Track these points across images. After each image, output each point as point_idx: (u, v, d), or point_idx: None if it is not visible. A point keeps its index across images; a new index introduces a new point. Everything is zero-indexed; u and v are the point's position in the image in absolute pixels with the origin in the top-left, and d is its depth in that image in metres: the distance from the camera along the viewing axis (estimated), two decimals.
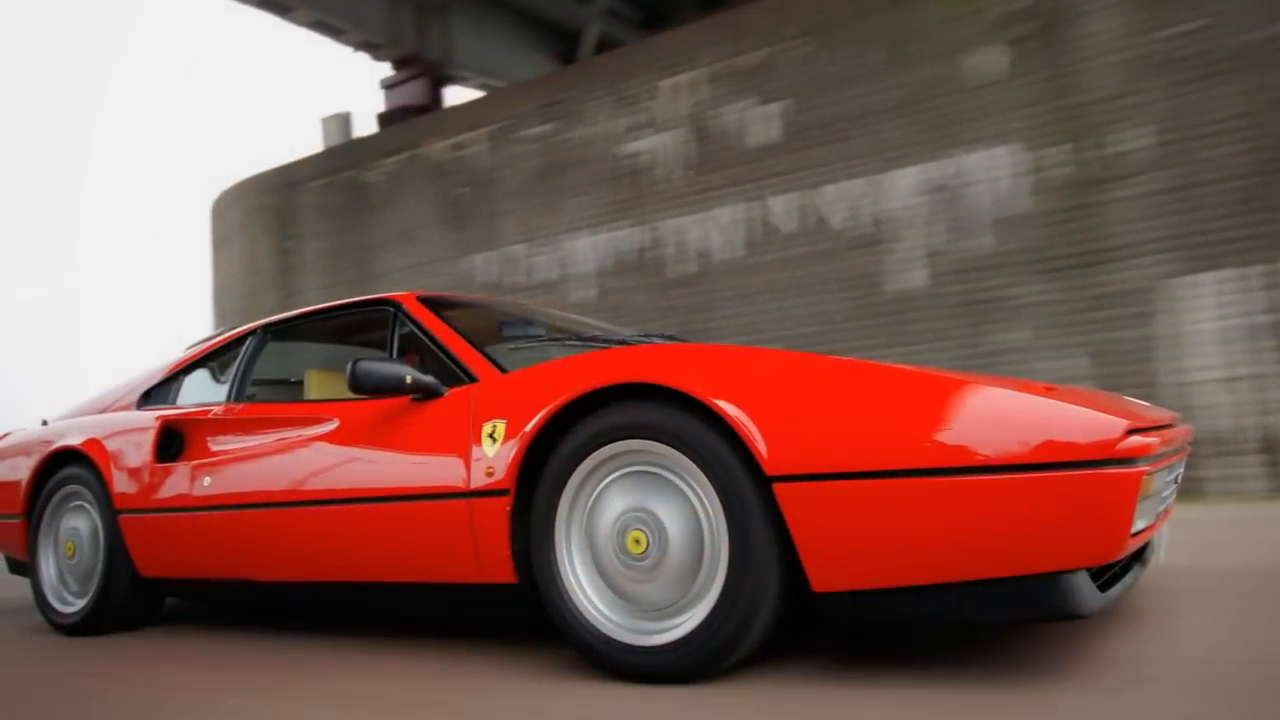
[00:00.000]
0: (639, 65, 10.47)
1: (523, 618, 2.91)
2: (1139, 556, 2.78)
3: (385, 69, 15.37)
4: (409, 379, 3.06)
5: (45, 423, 4.97)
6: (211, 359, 4.40)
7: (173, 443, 3.99)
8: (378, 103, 15.03)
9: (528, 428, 2.72)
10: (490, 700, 2.56)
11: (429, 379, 3.09)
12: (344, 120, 14.68)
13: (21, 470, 4.56)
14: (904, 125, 8.77)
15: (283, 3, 14.36)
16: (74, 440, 4.30)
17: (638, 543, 2.56)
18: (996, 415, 2.16)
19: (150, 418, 4.12)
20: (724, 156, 9.71)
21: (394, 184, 12.25)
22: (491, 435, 2.81)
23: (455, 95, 15.79)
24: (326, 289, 12.62)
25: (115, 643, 3.95)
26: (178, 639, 3.96)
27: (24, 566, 4.60)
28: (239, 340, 4.26)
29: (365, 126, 14.59)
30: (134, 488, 3.99)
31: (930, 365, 3.06)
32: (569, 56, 17.29)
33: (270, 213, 13.60)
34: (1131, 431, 2.11)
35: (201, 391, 4.29)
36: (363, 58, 15.61)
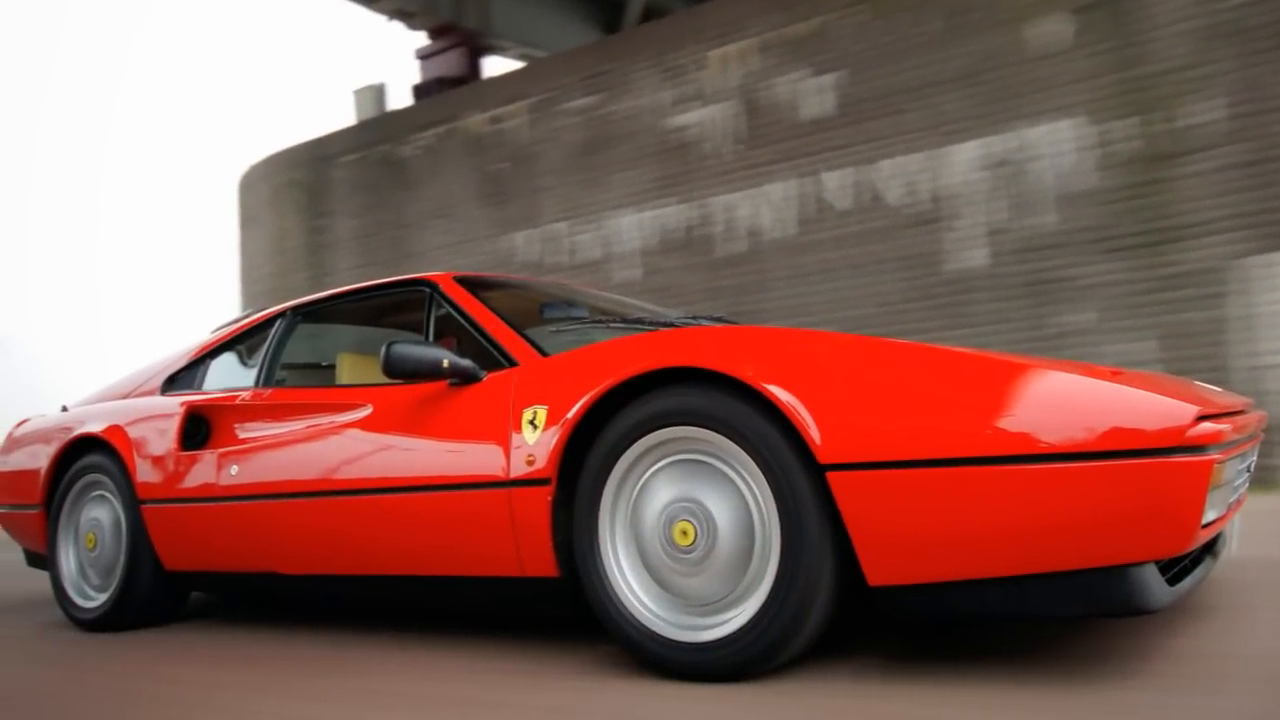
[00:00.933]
0: (687, 35, 10.48)
1: (564, 613, 2.96)
2: (1209, 549, 2.79)
3: (420, 38, 15.41)
4: (446, 363, 3.11)
5: (65, 408, 5.04)
6: (239, 342, 4.45)
7: (198, 430, 4.05)
8: (413, 74, 15.10)
9: (570, 414, 2.76)
10: (531, 699, 2.59)
11: (466, 363, 3.13)
12: (377, 92, 14.73)
13: (40, 458, 4.63)
14: (963, 97, 8.76)
15: None
16: (95, 427, 4.36)
17: (685, 534, 2.59)
18: (1060, 401, 2.19)
19: (175, 403, 4.18)
20: (775, 130, 9.72)
21: (430, 159, 12.32)
22: (532, 422, 2.85)
23: (494, 66, 15.82)
24: (359, 269, 12.70)
25: (138, 639, 4.00)
26: (203, 635, 4.01)
27: (43, 559, 4.67)
28: (268, 323, 4.31)
29: (400, 99, 14.66)
30: (158, 477, 4.05)
31: (991, 348, 3.09)
32: (613, 25, 17.28)
33: (300, 189, 13.70)
34: (1202, 418, 2.13)
35: (228, 376, 4.35)
36: (397, 27, 15.66)
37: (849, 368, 2.43)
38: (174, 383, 4.52)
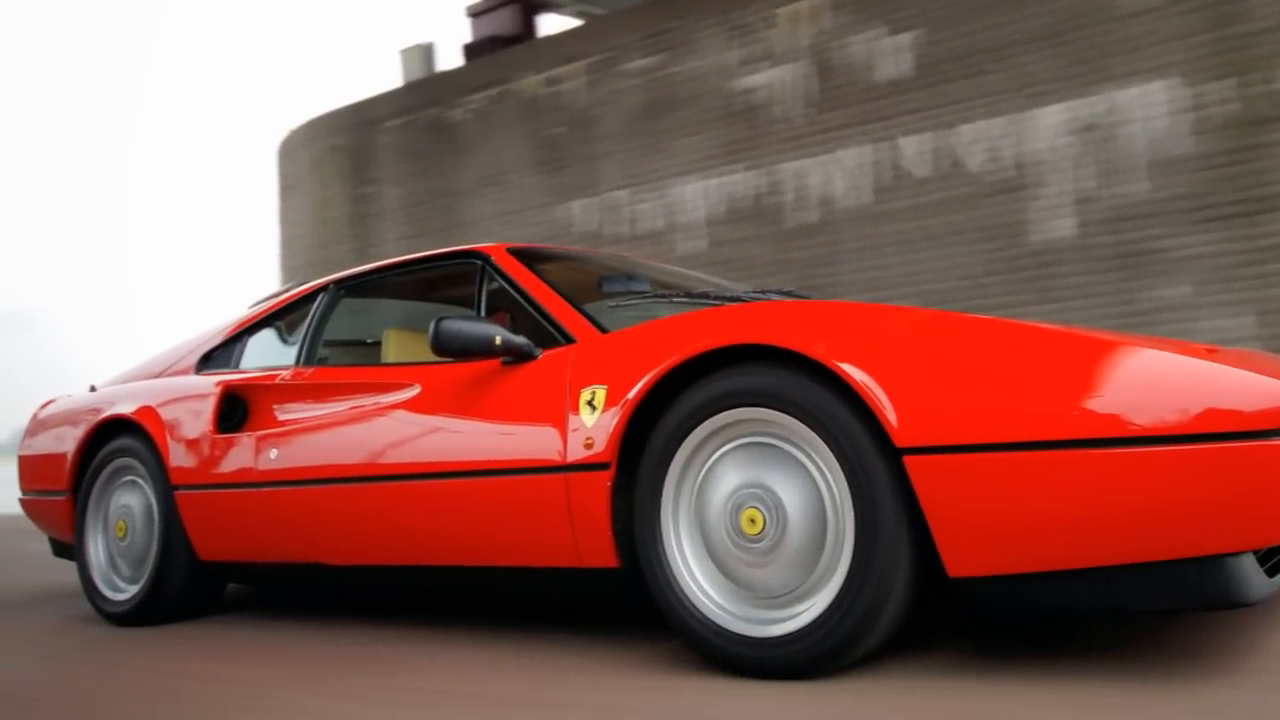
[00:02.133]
0: None
1: (624, 606, 3.03)
2: None
3: None
4: (498, 340, 3.17)
5: (93, 388, 5.12)
6: (278, 318, 4.52)
7: (235, 411, 4.14)
8: (463, 32, 15.15)
9: (631, 394, 2.83)
10: (589, 697, 2.65)
11: (521, 340, 3.20)
12: (426, 52, 14.76)
13: (67, 442, 4.73)
14: (1049, 58, 8.70)
15: None
16: (125, 408, 4.45)
17: (753, 522, 2.64)
18: (1153, 380, 2.22)
19: (210, 383, 4.26)
20: (849, 92, 9.69)
21: (481, 123, 12.36)
22: (590, 403, 2.92)
23: (550, 24, 15.82)
24: (406, 240, 12.77)
25: (170, 634, 4.08)
26: (240, 630, 4.09)
27: (70, 549, 4.75)
28: (309, 297, 4.37)
29: (450, 59, 14.69)
30: (192, 461, 4.13)
31: (1078, 324, 3.12)
32: None
33: (343, 155, 13.80)
34: None
35: (267, 354, 4.42)
36: None
37: (927, 345, 2.47)
38: (209, 361, 4.57)
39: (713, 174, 10.38)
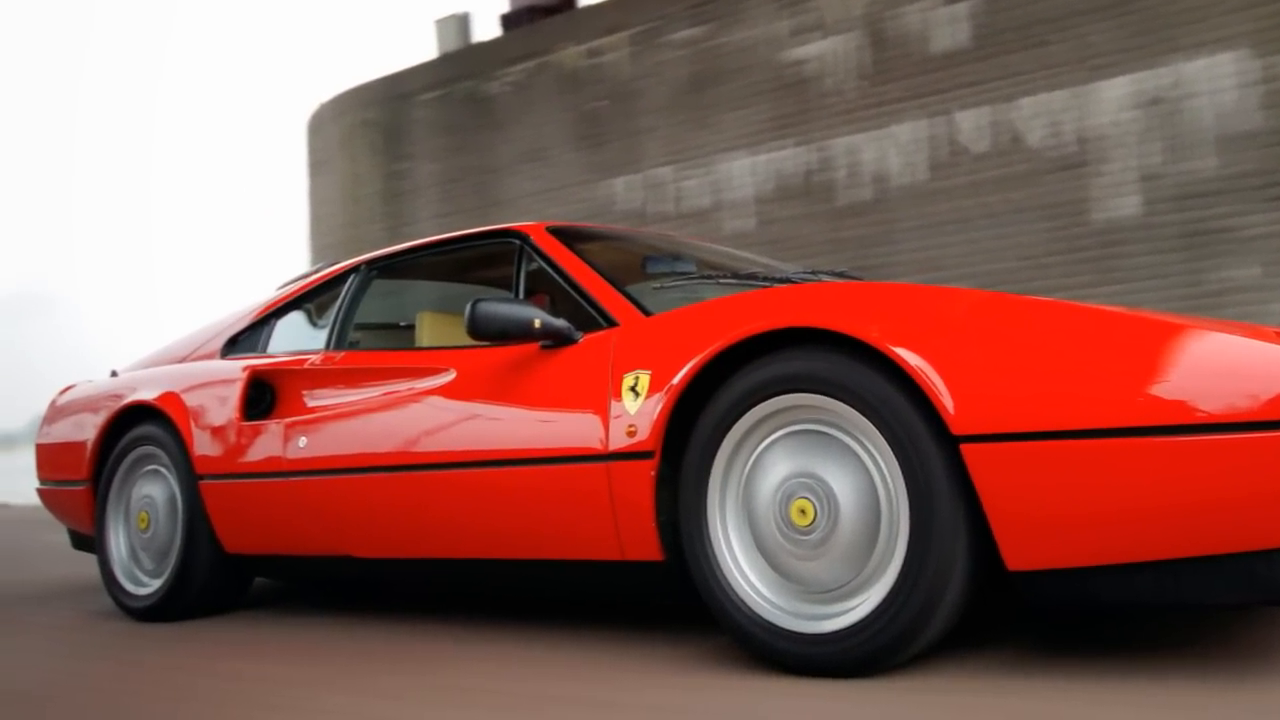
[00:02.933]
0: None
1: (669, 601, 3.06)
2: None
3: None
4: (537, 323, 3.21)
5: (114, 373, 5.18)
6: (307, 300, 4.57)
7: (263, 397, 4.19)
8: (500, 2, 15.18)
9: (675, 380, 2.86)
10: (631, 696, 2.69)
11: (561, 323, 3.24)
12: (461, 22, 14.77)
13: (87, 429, 4.79)
14: (1113, 28, 8.66)
15: None
16: (148, 394, 4.50)
17: (803, 513, 2.67)
18: (1221, 365, 2.25)
19: (237, 368, 4.31)
20: (904, 64, 9.67)
21: (520, 96, 12.39)
22: (633, 388, 2.95)
23: None
24: (441, 218, 12.80)
25: (195, 629, 4.13)
26: (266, 626, 4.15)
27: (90, 541, 4.80)
28: (339, 278, 4.42)
29: (486, 30, 14.72)
30: (218, 449, 4.18)
31: (1143, 307, 3.14)
32: None
33: (376, 130, 13.86)
34: None
35: (296, 338, 4.46)
36: None
37: (985, 328, 2.50)
38: (235, 345, 4.62)
39: (761, 150, 10.38)
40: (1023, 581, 2.45)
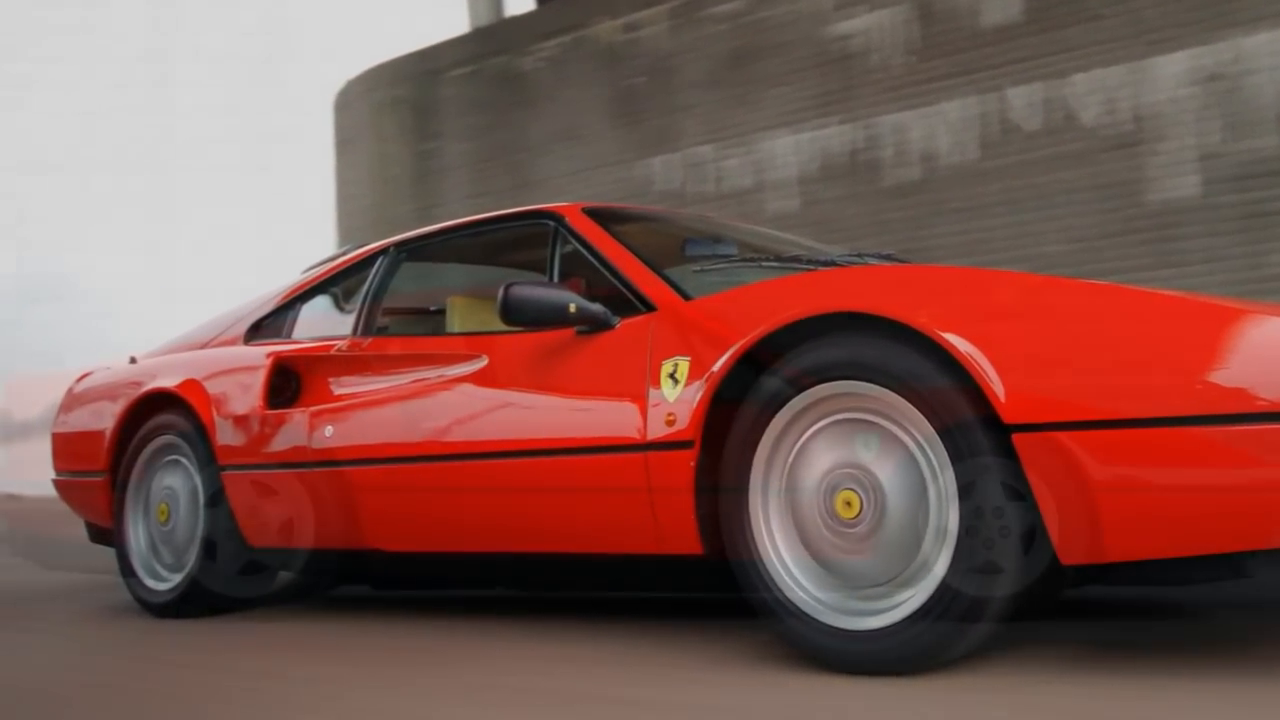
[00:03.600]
0: None
1: (710, 596, 3.11)
2: None
3: None
4: (573, 307, 3.24)
5: (133, 360, 5.19)
6: (334, 284, 4.59)
7: (287, 385, 4.21)
8: None
9: (716, 367, 2.88)
10: (671, 695, 2.72)
11: (597, 307, 3.27)
12: None
13: (105, 418, 4.82)
14: (1170, 1, 8.66)
15: None
16: (168, 381, 4.54)
17: (849, 505, 2.69)
18: None
19: (260, 355, 4.34)
20: (953, 39, 9.64)
21: (554, 72, 12.38)
22: (672, 375, 2.98)
23: None
24: (472, 199, 12.80)
25: (217, 626, 4.19)
26: (291, 623, 4.22)
27: (108, 534, 4.83)
28: (367, 261, 4.42)
29: (520, 3, 14.71)
30: (241, 439, 4.22)
31: (1201, 291, 3.15)
32: None
33: (405, 107, 13.88)
34: None
35: (322, 323, 4.48)
36: None
37: (1037, 314, 2.52)
38: (259, 331, 4.65)
39: (805, 128, 10.37)
40: (1077, 576, 2.48)
